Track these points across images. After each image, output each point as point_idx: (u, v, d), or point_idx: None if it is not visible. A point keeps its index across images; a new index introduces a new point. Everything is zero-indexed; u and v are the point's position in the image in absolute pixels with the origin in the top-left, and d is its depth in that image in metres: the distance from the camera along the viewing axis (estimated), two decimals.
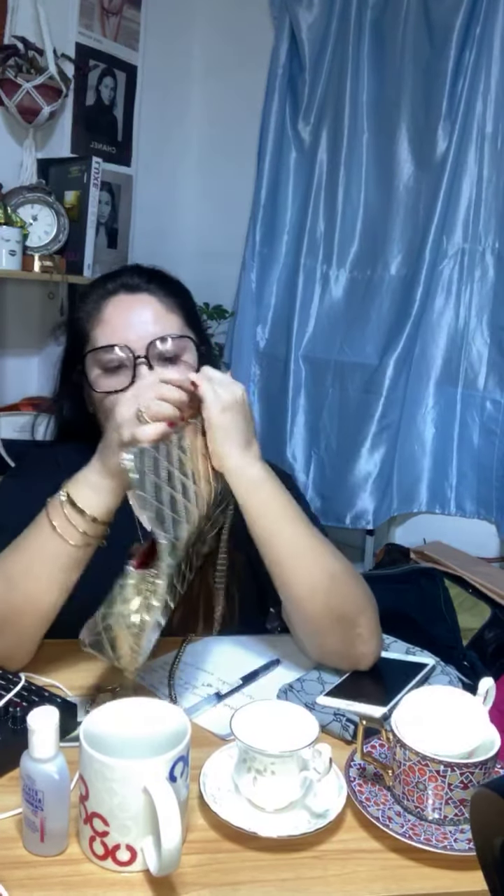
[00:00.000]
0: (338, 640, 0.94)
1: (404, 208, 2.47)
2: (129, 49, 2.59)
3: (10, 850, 0.67)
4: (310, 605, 0.93)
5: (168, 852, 0.60)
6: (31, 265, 2.12)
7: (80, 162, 2.25)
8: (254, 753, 0.70)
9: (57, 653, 1.01)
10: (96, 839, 0.65)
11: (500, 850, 0.50)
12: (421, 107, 2.41)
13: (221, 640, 1.07)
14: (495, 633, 1.97)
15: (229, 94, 2.81)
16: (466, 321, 2.41)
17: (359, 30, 2.48)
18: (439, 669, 0.99)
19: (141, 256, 2.66)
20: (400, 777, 0.73)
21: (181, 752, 0.65)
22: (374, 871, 0.67)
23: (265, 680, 0.98)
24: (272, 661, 1.02)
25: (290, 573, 0.92)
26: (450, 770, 0.69)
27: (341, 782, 0.75)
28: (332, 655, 0.96)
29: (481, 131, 2.32)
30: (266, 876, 0.66)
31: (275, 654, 1.03)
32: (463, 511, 2.49)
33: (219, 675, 0.98)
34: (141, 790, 0.63)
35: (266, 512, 0.92)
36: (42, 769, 0.65)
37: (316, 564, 0.93)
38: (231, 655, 1.03)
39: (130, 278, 1.10)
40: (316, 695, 0.91)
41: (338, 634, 0.94)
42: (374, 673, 0.97)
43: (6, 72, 2.10)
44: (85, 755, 0.65)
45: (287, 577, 0.93)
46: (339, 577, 0.93)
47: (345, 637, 0.94)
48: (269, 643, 1.07)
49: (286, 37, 2.61)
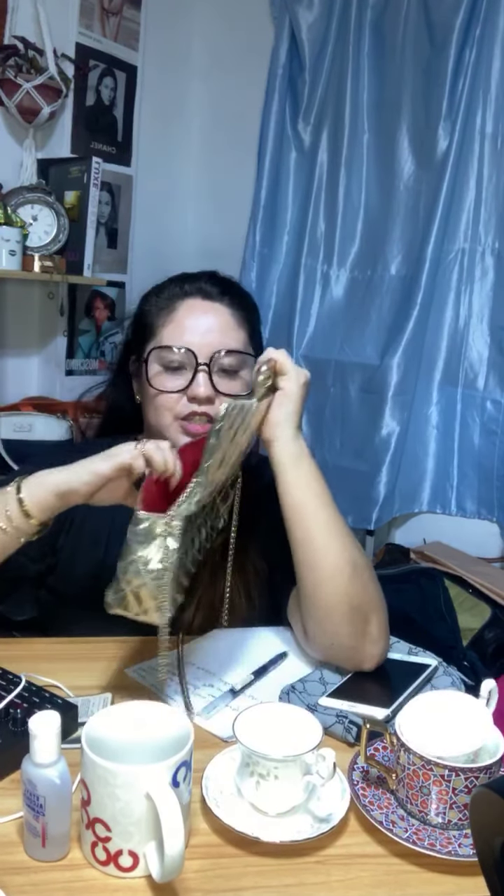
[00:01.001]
0: (349, 634, 0.95)
1: (404, 208, 2.47)
2: (129, 49, 2.58)
3: (10, 855, 0.66)
4: (330, 590, 0.94)
5: (171, 859, 0.60)
6: (31, 265, 2.12)
7: (80, 162, 2.25)
8: (257, 758, 0.70)
9: (57, 653, 1.01)
10: (98, 844, 0.64)
11: (501, 850, 0.50)
12: (421, 107, 2.41)
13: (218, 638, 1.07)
14: (495, 633, 1.97)
15: (229, 93, 2.80)
16: (467, 321, 2.40)
17: (359, 30, 2.47)
18: (441, 670, 0.98)
19: (141, 256, 2.69)
20: (403, 781, 0.72)
21: (184, 756, 0.65)
22: (378, 876, 0.67)
23: (272, 675, 0.98)
24: (279, 655, 1.01)
25: (316, 553, 0.94)
26: (454, 775, 0.69)
27: (344, 786, 0.75)
28: (341, 651, 0.96)
29: (481, 131, 2.31)
30: (269, 881, 0.66)
31: (281, 648, 1.03)
32: (464, 511, 2.48)
33: (221, 676, 0.98)
34: (143, 796, 0.62)
35: (304, 485, 0.95)
36: (43, 774, 0.64)
37: (343, 549, 0.95)
38: (232, 652, 1.03)
39: (208, 284, 1.12)
40: (318, 696, 0.91)
41: (350, 627, 0.94)
42: (377, 674, 0.97)
43: (6, 72, 2.09)
44: (87, 760, 0.64)
45: (313, 556, 0.94)
46: (361, 569, 0.96)
47: (356, 632, 0.94)
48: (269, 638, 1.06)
49: (286, 37, 2.60)
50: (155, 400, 1.07)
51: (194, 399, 1.04)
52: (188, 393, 1.05)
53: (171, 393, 1.05)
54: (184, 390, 1.05)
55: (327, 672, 0.97)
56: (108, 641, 1.04)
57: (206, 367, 1.04)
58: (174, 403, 1.06)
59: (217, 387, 1.04)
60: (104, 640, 1.04)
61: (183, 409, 1.05)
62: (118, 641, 1.03)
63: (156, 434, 1.09)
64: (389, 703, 0.89)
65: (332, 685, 0.94)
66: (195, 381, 1.04)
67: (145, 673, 0.97)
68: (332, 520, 0.96)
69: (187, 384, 1.04)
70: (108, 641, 1.04)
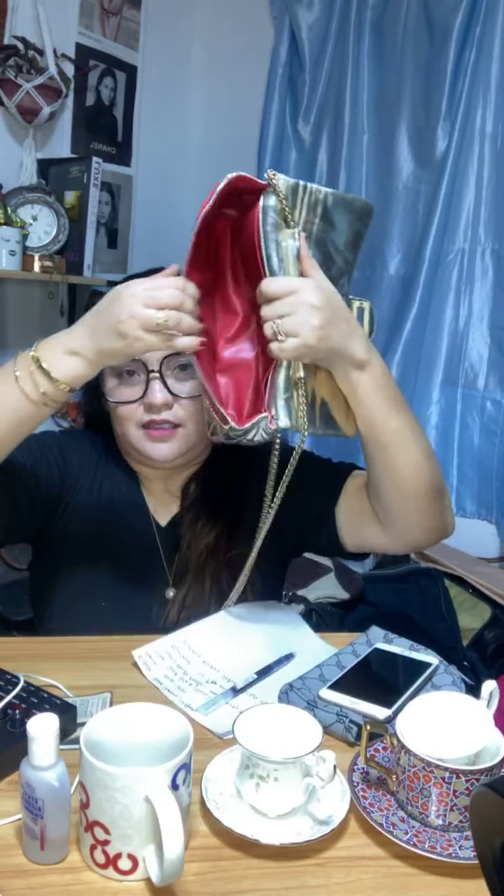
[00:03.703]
0: (435, 513, 1.00)
1: (404, 208, 2.47)
2: (129, 49, 2.58)
3: (9, 858, 0.66)
4: (416, 483, 0.96)
5: (170, 862, 0.59)
6: (31, 265, 2.12)
7: (80, 162, 2.24)
8: (257, 759, 0.70)
9: (56, 652, 1.01)
10: (97, 847, 0.64)
11: (501, 850, 0.50)
12: (421, 106, 2.40)
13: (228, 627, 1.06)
14: (495, 633, 1.96)
15: (229, 93, 2.80)
16: (466, 321, 2.40)
17: (359, 30, 2.47)
18: (442, 668, 0.98)
19: (141, 256, 2.68)
20: (404, 783, 0.72)
21: (184, 759, 0.65)
22: (378, 878, 0.67)
23: (276, 675, 0.98)
24: (286, 656, 1.01)
25: (400, 452, 0.95)
26: (455, 777, 0.68)
27: (344, 788, 0.74)
28: (428, 532, 1.02)
29: (481, 131, 2.31)
30: (269, 884, 0.65)
31: (288, 649, 1.03)
32: (463, 511, 2.48)
33: (224, 672, 0.97)
34: (143, 799, 0.62)
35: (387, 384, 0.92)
36: (42, 777, 0.64)
37: (422, 442, 0.97)
38: (239, 649, 1.02)
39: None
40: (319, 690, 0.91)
41: (436, 507, 0.99)
42: (379, 668, 0.96)
43: (6, 72, 2.09)
44: (86, 763, 0.64)
45: (396, 456, 0.95)
46: (433, 455, 0.99)
47: (440, 508, 1.00)
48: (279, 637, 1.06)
49: (286, 36, 2.60)
50: (115, 412, 1.08)
51: (151, 408, 1.04)
52: (144, 402, 1.04)
53: (129, 403, 1.05)
54: (140, 399, 1.04)
55: (327, 669, 0.96)
56: (107, 641, 1.03)
57: (157, 374, 1.03)
58: (133, 413, 1.06)
59: (172, 390, 1.04)
60: (104, 640, 1.04)
61: (143, 418, 1.05)
62: (118, 641, 1.02)
63: (124, 441, 1.10)
64: (390, 703, 0.88)
65: (331, 681, 0.93)
66: (150, 390, 1.03)
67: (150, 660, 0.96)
68: (410, 417, 0.95)
69: (142, 394, 1.04)
70: (108, 641, 1.03)
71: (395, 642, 1.03)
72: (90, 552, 1.10)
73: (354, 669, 0.95)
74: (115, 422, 1.09)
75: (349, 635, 1.07)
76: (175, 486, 1.15)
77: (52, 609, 1.12)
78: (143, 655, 0.97)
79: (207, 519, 1.11)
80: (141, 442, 1.06)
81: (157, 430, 1.05)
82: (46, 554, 1.14)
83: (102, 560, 1.10)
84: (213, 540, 1.10)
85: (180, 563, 1.11)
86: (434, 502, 0.99)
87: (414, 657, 1.00)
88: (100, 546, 1.10)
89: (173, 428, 1.05)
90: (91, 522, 1.11)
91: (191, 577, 1.10)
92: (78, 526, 1.11)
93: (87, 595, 1.09)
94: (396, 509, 1.00)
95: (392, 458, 0.94)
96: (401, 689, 0.91)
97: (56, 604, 1.12)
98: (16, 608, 1.78)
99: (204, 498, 1.13)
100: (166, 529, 1.14)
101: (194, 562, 1.10)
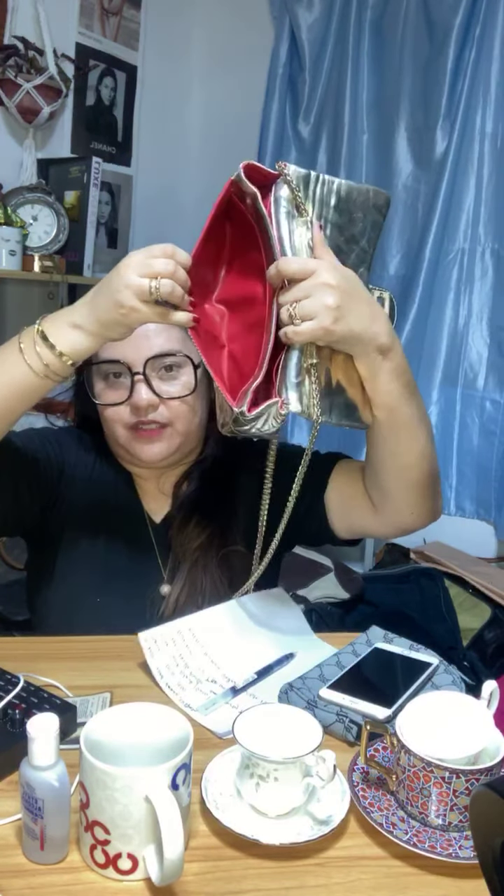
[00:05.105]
0: (430, 498, 1.01)
1: (404, 208, 2.47)
2: (129, 49, 2.58)
3: (9, 858, 0.66)
4: (419, 470, 0.97)
5: (170, 862, 0.59)
6: (31, 265, 2.12)
7: (80, 162, 2.25)
8: (257, 759, 0.70)
9: (56, 652, 1.01)
10: (97, 847, 0.64)
11: (501, 850, 0.50)
12: (420, 106, 2.41)
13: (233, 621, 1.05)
14: (495, 633, 1.97)
15: (229, 93, 2.80)
16: (466, 321, 2.40)
17: (359, 30, 2.47)
18: (442, 668, 0.98)
19: None
20: (404, 782, 0.72)
21: (184, 759, 0.65)
22: (378, 878, 0.67)
23: (276, 675, 0.97)
24: (286, 656, 1.01)
25: (410, 439, 0.95)
26: (455, 777, 0.68)
27: (344, 788, 0.74)
28: (421, 517, 1.03)
29: (481, 131, 2.31)
30: (269, 884, 0.65)
31: (289, 648, 1.03)
32: (462, 511, 2.48)
33: (225, 671, 0.97)
34: (143, 799, 0.62)
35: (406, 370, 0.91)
36: (42, 777, 0.64)
37: (429, 429, 0.97)
38: (242, 646, 1.02)
39: None
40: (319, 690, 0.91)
41: (431, 493, 1.01)
42: (379, 668, 0.96)
43: (6, 72, 2.09)
44: (86, 763, 0.64)
45: (406, 442, 0.95)
46: (433, 440, 0.99)
47: (433, 494, 1.01)
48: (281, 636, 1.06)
49: (286, 37, 2.61)
50: (103, 414, 1.09)
51: (137, 410, 1.04)
52: (130, 404, 1.05)
53: (116, 406, 1.06)
54: (126, 401, 1.05)
55: (327, 669, 0.96)
56: (107, 641, 1.03)
57: (141, 376, 1.04)
58: (121, 415, 1.06)
59: (158, 391, 1.04)
60: (104, 640, 1.04)
61: (130, 419, 1.06)
62: (118, 641, 1.02)
63: (113, 442, 1.11)
64: (390, 702, 0.88)
65: (331, 681, 0.93)
66: (135, 392, 1.04)
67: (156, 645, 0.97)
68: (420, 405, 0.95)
69: (128, 396, 1.04)
70: (108, 641, 1.03)
71: (394, 642, 1.03)
72: (85, 549, 1.11)
73: (354, 669, 0.95)
74: (104, 423, 1.10)
75: (349, 635, 1.07)
76: (168, 484, 1.15)
77: (48, 606, 1.12)
78: (149, 639, 0.97)
79: (201, 517, 1.12)
80: (129, 443, 1.08)
81: (145, 430, 1.06)
82: (42, 551, 1.14)
83: (97, 557, 1.11)
84: (206, 538, 1.11)
85: (175, 560, 1.12)
86: (430, 489, 1.00)
87: (414, 657, 1.00)
88: (95, 543, 1.11)
89: (161, 428, 1.06)
90: (86, 520, 1.12)
91: (185, 574, 1.10)
92: (73, 523, 1.12)
93: (82, 592, 1.10)
94: (395, 495, 1.00)
95: (402, 444, 0.95)
96: (401, 688, 0.91)
97: (52, 601, 1.12)
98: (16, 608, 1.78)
99: (196, 496, 1.14)
100: (160, 527, 1.14)
101: (188, 559, 1.11)
